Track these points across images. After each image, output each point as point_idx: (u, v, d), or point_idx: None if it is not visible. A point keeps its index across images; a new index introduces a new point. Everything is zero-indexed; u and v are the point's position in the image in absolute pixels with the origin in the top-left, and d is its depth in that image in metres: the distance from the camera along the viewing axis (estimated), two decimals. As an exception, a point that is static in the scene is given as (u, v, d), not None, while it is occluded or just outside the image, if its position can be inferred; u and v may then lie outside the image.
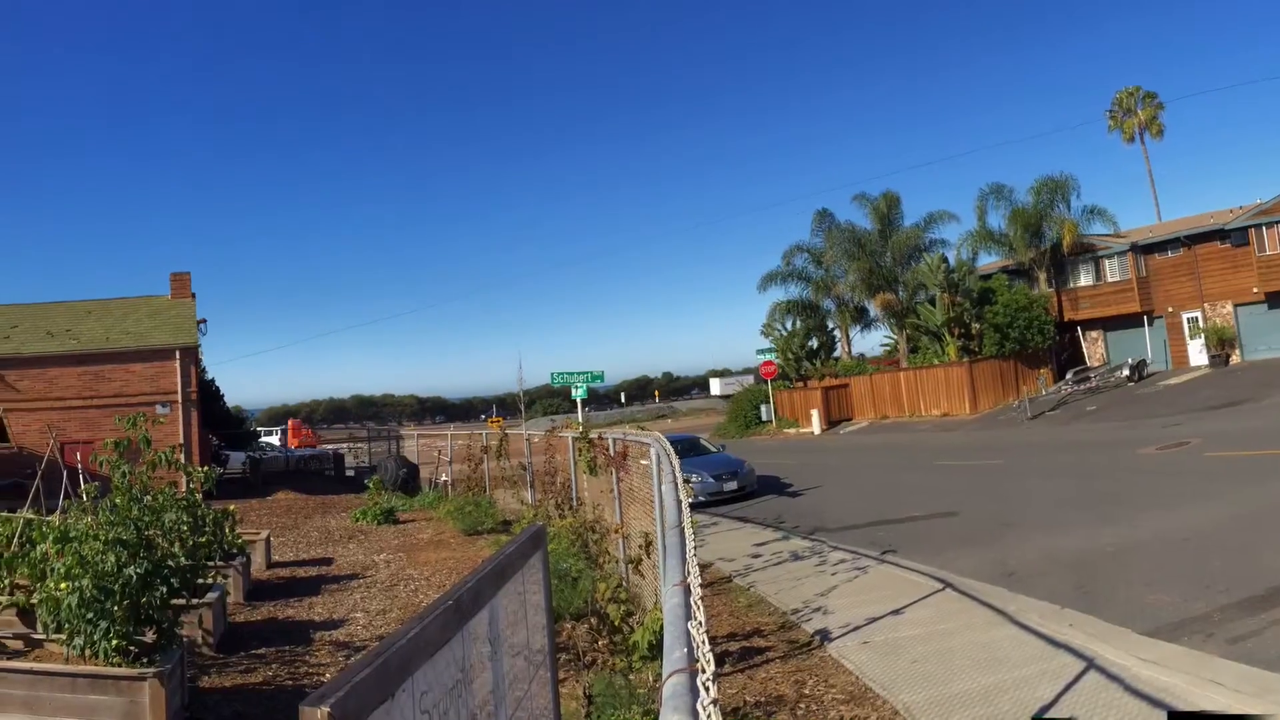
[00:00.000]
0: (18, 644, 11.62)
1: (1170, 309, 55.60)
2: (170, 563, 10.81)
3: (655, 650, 9.86)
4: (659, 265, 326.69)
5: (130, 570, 9.77)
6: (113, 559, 9.80)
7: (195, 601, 12.18)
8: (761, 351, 71.32)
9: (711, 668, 2.42)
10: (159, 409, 39.10)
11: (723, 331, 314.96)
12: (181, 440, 37.95)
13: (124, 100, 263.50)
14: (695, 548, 4.11)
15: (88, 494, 12.39)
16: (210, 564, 13.29)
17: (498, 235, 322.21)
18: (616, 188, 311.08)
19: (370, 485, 32.88)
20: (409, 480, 37.31)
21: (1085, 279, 58.78)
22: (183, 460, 12.81)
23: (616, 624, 10.93)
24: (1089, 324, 59.22)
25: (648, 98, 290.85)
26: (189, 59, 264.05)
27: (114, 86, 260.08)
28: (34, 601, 11.37)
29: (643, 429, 18.20)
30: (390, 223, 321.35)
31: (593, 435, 18.24)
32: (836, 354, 72.59)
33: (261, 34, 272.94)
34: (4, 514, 18.15)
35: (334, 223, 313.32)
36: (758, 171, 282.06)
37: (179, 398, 40.45)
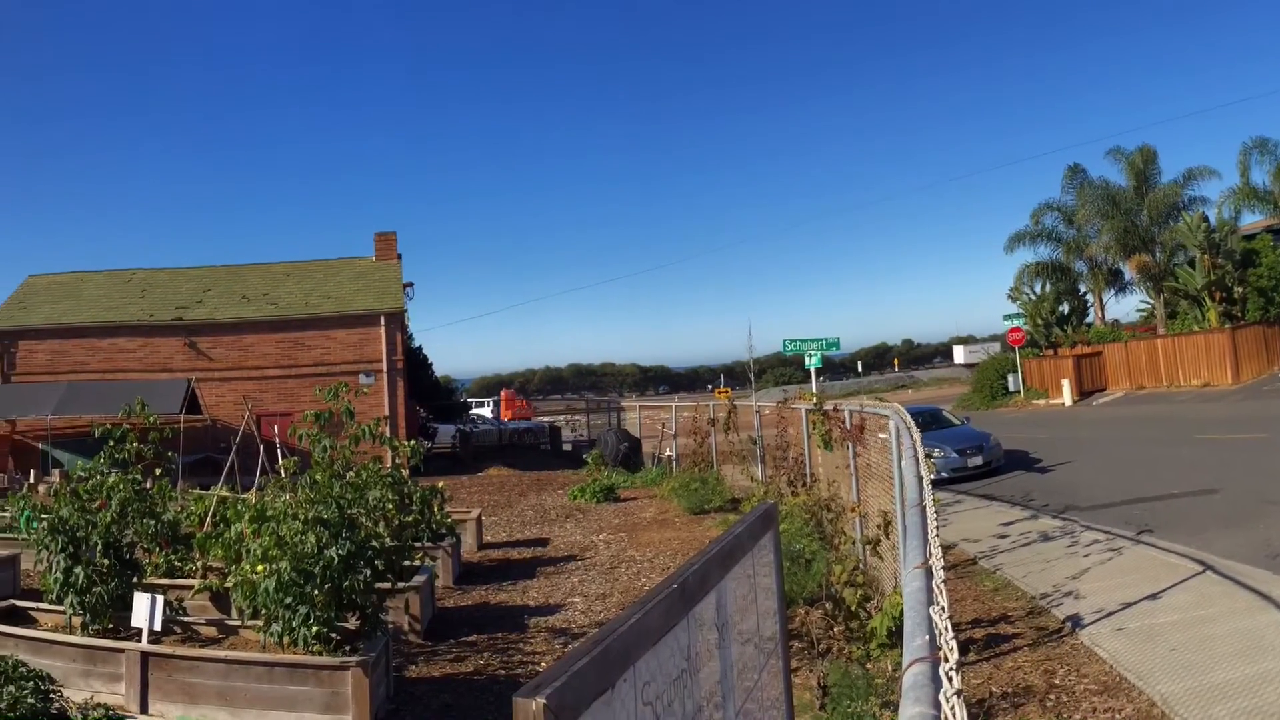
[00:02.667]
0: (211, 631, 12.24)
1: None
2: (374, 544, 11.20)
3: (894, 637, 9.97)
4: (899, 224, 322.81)
5: (332, 552, 10.15)
6: (313, 540, 10.19)
7: (401, 585, 12.57)
8: (1009, 317, 69.76)
9: (955, 656, 2.41)
10: (362, 379, 40.44)
11: (967, 295, 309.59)
12: (387, 412, 39.24)
13: (324, 48, 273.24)
14: (937, 528, 4.06)
15: (286, 470, 12.90)
16: (417, 545, 13.73)
17: (729, 193, 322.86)
18: (854, 143, 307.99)
19: (589, 460, 33.41)
20: (630, 455, 37.66)
21: (1362, 239, 55.69)
22: (388, 434, 13.23)
23: (853, 609, 10.99)
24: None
25: (888, 46, 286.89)
26: (392, 3, 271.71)
27: (313, 32, 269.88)
28: (228, 585, 11.94)
29: (881, 400, 17.96)
30: (613, 179, 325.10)
31: (827, 407, 18.19)
32: (1089, 320, 70.71)
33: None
34: (196, 491, 19.12)
35: (552, 179, 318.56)
36: (1005, 124, 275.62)
37: (384, 367, 41.83)
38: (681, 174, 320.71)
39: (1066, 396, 59.59)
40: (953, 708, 2.13)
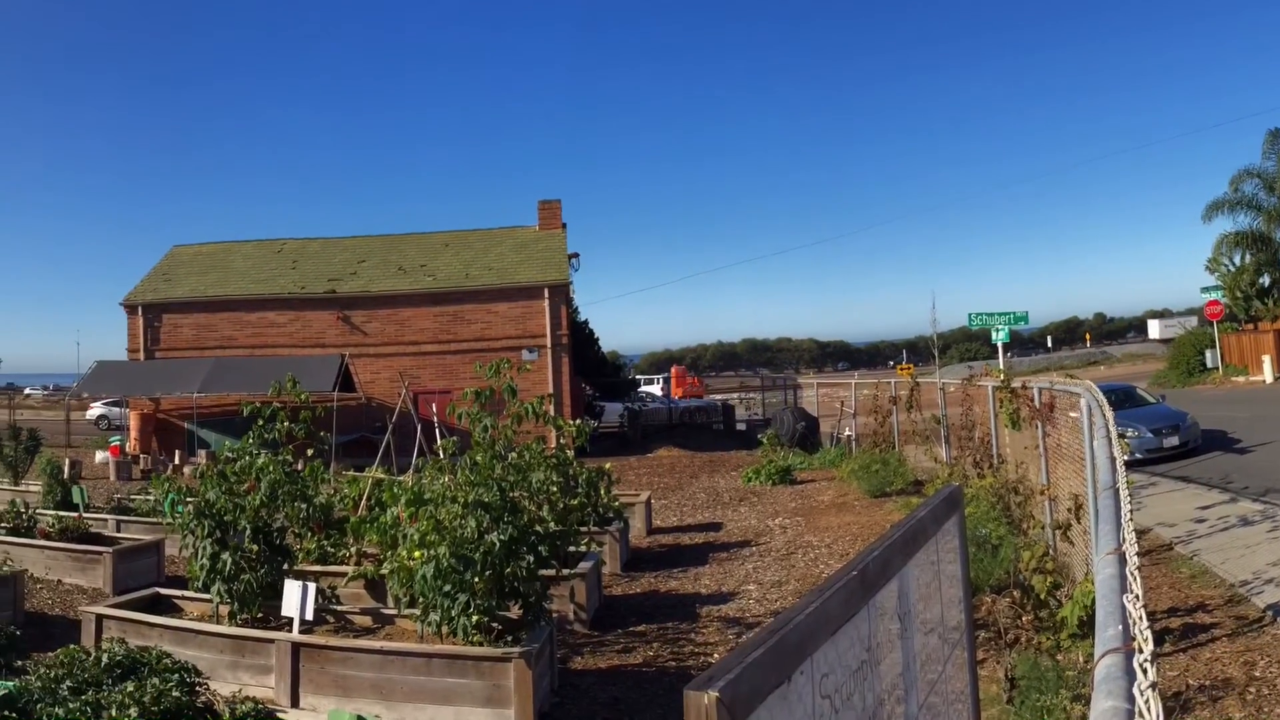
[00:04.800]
0: (366, 620, 12.39)
1: None
2: (538, 528, 11.24)
3: (1086, 627, 10.06)
4: (1091, 192, 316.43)
5: (493, 537, 10.20)
6: (473, 524, 10.25)
7: (566, 572, 12.65)
8: (1207, 289, 68.66)
9: (1149, 647, 2.36)
10: (525, 354, 40.75)
11: (1163, 266, 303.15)
12: (551, 390, 39.59)
13: (485, 5, 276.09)
14: (1130, 511, 3.97)
15: (444, 450, 12.98)
16: (583, 530, 13.78)
17: (912, 160, 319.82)
18: (1044, 108, 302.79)
19: (764, 441, 33.50)
20: (807, 435, 37.61)
21: None
22: (552, 412, 13.26)
23: (1042, 597, 11.03)
24: None
25: (1078, 3, 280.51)
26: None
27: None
28: (384, 572, 12.08)
29: (1071, 377, 17.80)
30: (792, 144, 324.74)
31: (1015, 384, 18.14)
32: (1292, 292, 68.96)
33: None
34: (350, 472, 19.49)
35: (726, 144, 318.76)
36: (1203, 87, 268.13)
37: (548, 342, 42.20)
38: (864, 140, 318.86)
39: (1267, 373, 58.62)
40: (1147, 701, 2.07)
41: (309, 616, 11.35)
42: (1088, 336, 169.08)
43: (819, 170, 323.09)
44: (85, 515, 19.50)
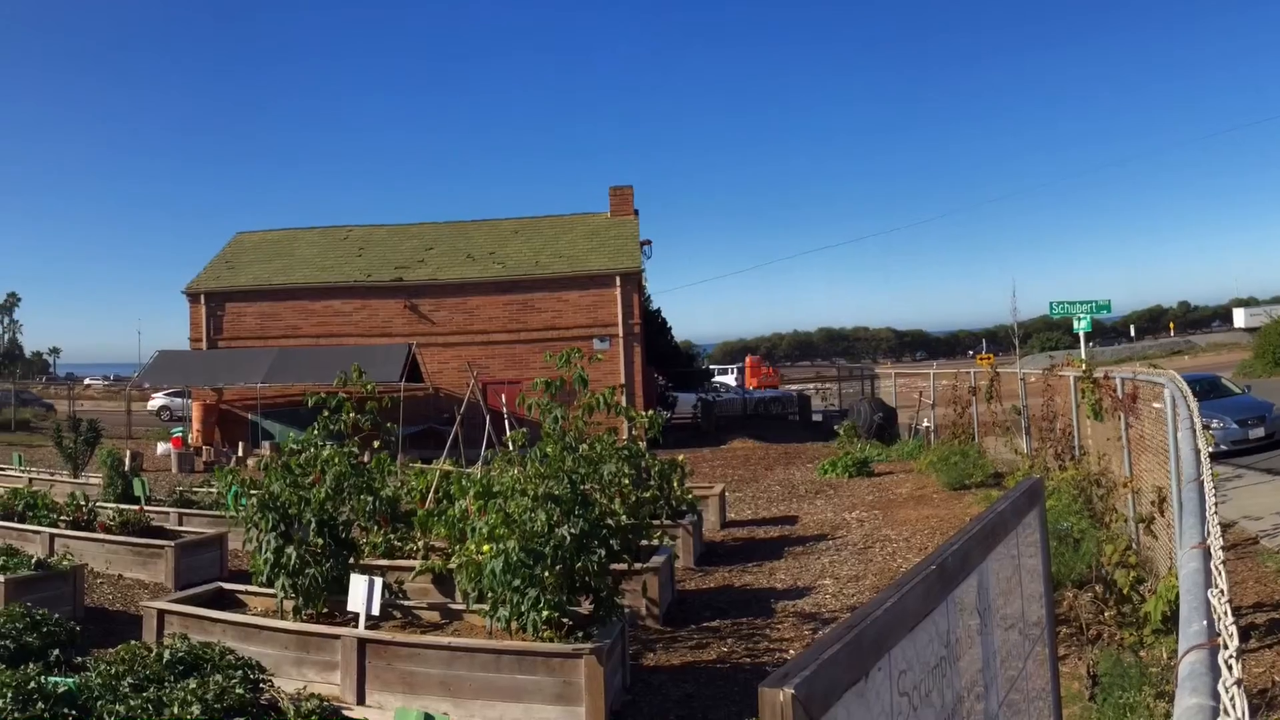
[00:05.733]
0: (433, 615, 12.42)
1: None
2: (609, 522, 11.25)
3: (1170, 623, 10.10)
4: (1175, 178, 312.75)
5: (563, 530, 10.20)
6: (543, 517, 10.25)
7: (638, 566, 12.66)
8: None
9: (1235, 643, 2.36)
10: (596, 344, 40.89)
11: (1248, 254, 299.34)
12: (622, 380, 39.67)
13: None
14: (1215, 504, 3.97)
15: (513, 442, 13.03)
16: (655, 523, 13.81)
17: (992, 145, 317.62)
18: (1125, 93, 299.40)
19: (840, 432, 33.50)
20: (885, 426, 37.67)
21: None
22: (623, 403, 13.29)
23: (1125, 592, 11.10)
24: None
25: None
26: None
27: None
28: (452, 566, 12.12)
29: (1154, 366, 17.81)
30: (868, 129, 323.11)
31: (1097, 374, 18.14)
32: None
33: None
34: (417, 465, 19.59)
35: (802, 128, 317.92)
36: None
37: (619, 331, 42.28)
38: (943, 124, 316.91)
39: (1357, 362, 58.04)
40: (1232, 698, 2.09)
41: (375, 612, 11.39)
42: (1171, 325, 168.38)
43: (897, 155, 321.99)
44: (146, 508, 19.64)
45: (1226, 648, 2.30)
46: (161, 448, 40.01)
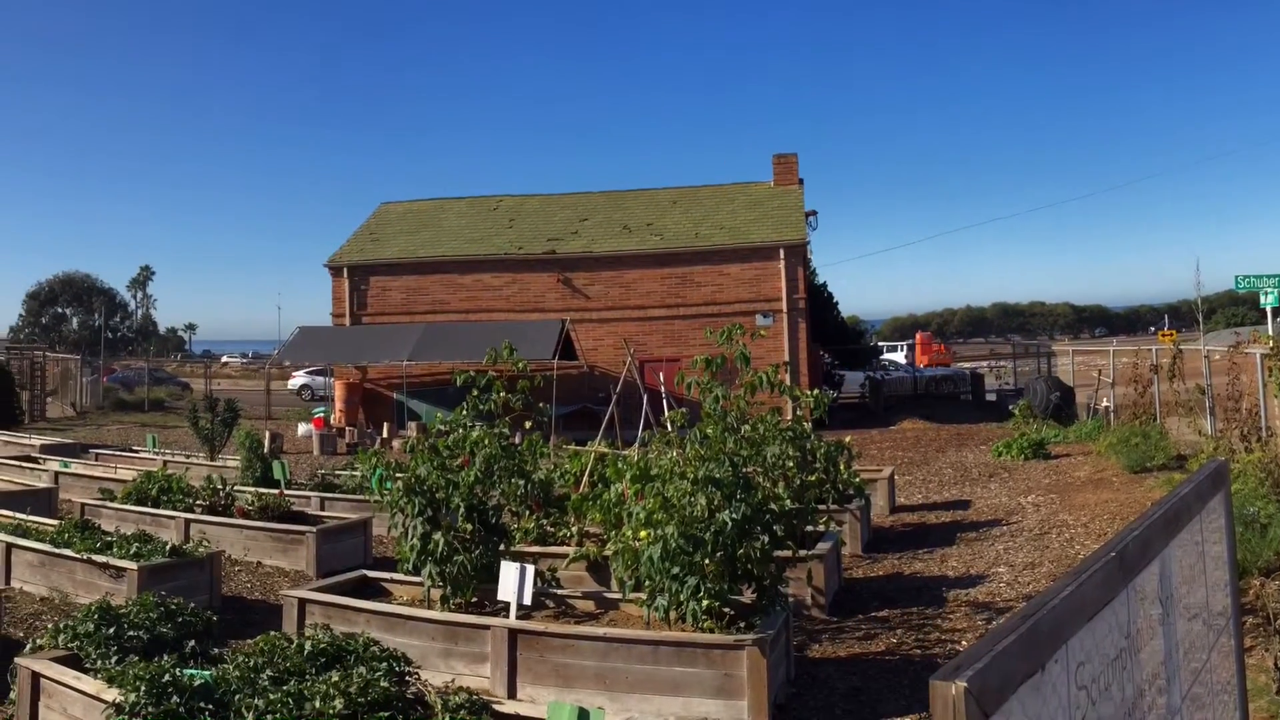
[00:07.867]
0: (588, 605, 12.42)
1: None
2: (773, 506, 11.18)
3: None
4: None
5: (724, 515, 10.11)
6: (703, 502, 10.19)
7: (803, 553, 12.57)
8: None
9: None
10: (759, 320, 40.82)
11: None
12: (786, 358, 39.61)
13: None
14: None
15: (672, 422, 13.00)
16: (821, 508, 13.68)
17: (1175, 110, 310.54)
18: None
19: (1015, 412, 33.35)
20: (1062, 406, 37.35)
21: None
22: (788, 382, 13.20)
23: None
24: None
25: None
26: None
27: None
28: (607, 553, 12.13)
29: None
30: (1048, 92, 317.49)
31: None
32: None
33: None
34: (571, 447, 19.62)
35: (974, 93, 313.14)
36: None
37: (784, 306, 42.19)
38: (1121, 88, 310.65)
39: None
40: None
41: (527, 601, 11.39)
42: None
43: (1075, 122, 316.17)
44: (286, 492, 19.90)
45: None
46: (302, 429, 40.80)
